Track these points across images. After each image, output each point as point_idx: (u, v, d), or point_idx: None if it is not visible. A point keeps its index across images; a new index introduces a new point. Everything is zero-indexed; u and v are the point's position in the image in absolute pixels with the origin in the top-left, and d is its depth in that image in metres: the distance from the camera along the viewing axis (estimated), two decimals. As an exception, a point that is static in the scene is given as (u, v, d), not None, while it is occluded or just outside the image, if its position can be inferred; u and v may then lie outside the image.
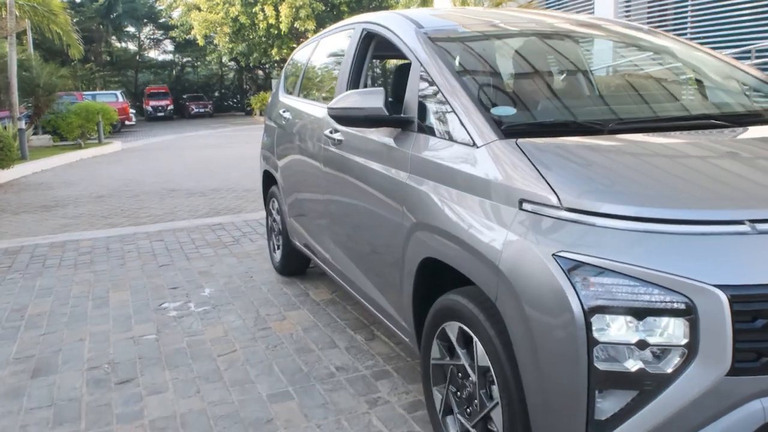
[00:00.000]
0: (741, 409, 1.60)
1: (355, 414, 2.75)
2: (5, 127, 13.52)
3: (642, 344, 1.63)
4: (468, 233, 2.10)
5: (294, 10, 28.97)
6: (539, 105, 2.61)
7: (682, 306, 1.60)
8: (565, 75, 3.11)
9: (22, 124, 14.52)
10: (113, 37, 41.26)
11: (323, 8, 30.09)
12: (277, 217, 4.77)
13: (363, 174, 2.98)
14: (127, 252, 5.79)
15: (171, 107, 37.24)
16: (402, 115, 2.69)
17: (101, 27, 38.23)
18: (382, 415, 2.74)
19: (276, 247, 4.91)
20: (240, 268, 5.09)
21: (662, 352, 1.63)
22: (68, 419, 2.79)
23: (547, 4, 14.82)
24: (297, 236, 4.29)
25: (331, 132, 3.42)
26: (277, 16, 29.49)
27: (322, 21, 30.03)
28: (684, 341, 1.61)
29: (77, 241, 6.29)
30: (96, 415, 2.82)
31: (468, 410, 2.20)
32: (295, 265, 4.72)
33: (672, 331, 1.62)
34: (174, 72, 45.29)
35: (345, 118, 2.80)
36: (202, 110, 38.33)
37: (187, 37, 34.56)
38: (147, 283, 4.80)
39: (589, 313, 1.64)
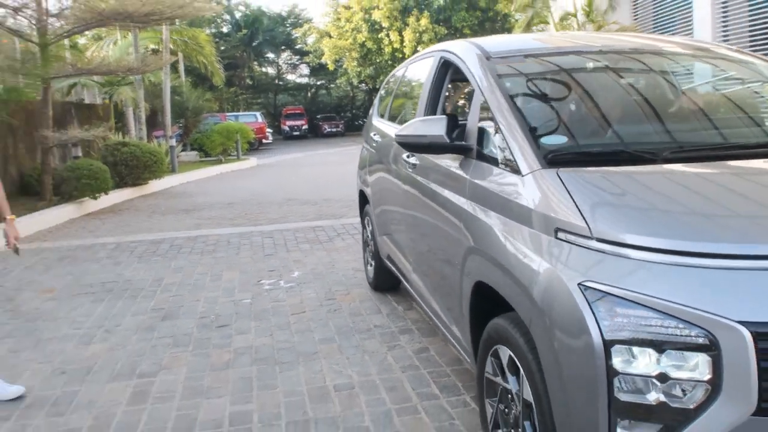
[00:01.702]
0: None
1: (376, 353, 3.73)
2: (159, 144, 15.84)
3: (663, 377, 1.62)
4: (509, 260, 2.14)
5: (417, 34, 30.42)
6: (590, 133, 2.58)
7: (704, 341, 1.57)
8: (624, 102, 2.87)
9: (173, 142, 16.83)
10: (255, 63, 44.94)
11: (445, 32, 31.27)
12: (370, 235, 4.95)
13: (433, 198, 3.05)
14: (243, 245, 7.14)
15: (305, 127, 39.57)
16: (462, 142, 2.71)
17: (244, 54, 41.91)
18: (395, 354, 3.70)
19: (369, 263, 5.08)
20: (327, 259, 6.22)
21: (684, 386, 1.61)
22: (181, 344, 4.01)
23: (644, 29, 15.01)
24: (384, 253, 4.47)
25: (407, 156, 3.53)
26: (402, 41, 31.08)
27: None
28: (707, 377, 1.58)
29: (206, 236, 7.77)
30: (200, 343, 4.02)
31: None
32: (386, 281, 4.78)
33: (694, 366, 1.60)
34: (309, 94, 48.33)
35: (410, 144, 2.86)
36: (333, 129, 40.35)
37: (320, 62, 37.10)
38: (253, 266, 6.05)
39: (609, 343, 1.65)
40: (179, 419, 3.04)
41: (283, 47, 45.03)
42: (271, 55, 46.09)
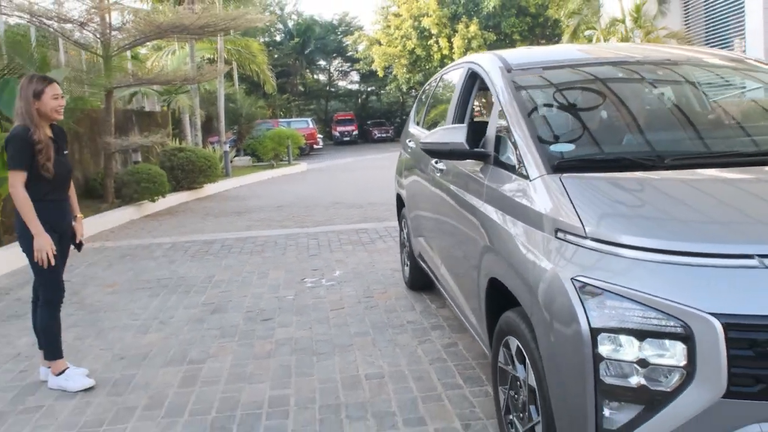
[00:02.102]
0: (740, 431, 1.71)
1: (407, 346, 3.97)
2: (214, 150, 16.45)
3: (643, 363, 1.77)
4: (516, 257, 2.34)
5: (466, 41, 30.53)
6: (596, 141, 2.74)
7: (680, 330, 1.72)
8: (631, 112, 3.02)
9: (227, 147, 17.48)
10: (307, 70, 45.74)
11: (495, 38, 31.26)
12: (406, 236, 5.17)
13: (456, 200, 3.26)
14: (289, 245, 7.48)
15: (356, 132, 39.95)
16: (481, 149, 2.90)
17: (297, 62, 42.74)
18: (425, 348, 3.92)
19: (405, 263, 5.31)
20: (367, 260, 6.48)
21: (662, 371, 1.77)
22: (228, 335, 4.34)
23: (695, 35, 14.78)
24: (416, 252, 4.69)
25: (436, 162, 3.78)
26: (451, 48, 31.24)
27: (494, 50, 31.30)
28: (682, 363, 1.73)
29: (255, 237, 8.15)
30: (245, 335, 4.34)
31: (521, 416, 2.43)
32: (421, 280, 4.94)
33: (670, 352, 1.75)
34: (359, 100, 48.85)
35: (433, 151, 3.08)
36: (383, 135, 40.56)
37: (370, 69, 37.58)
38: (297, 266, 6.37)
39: (596, 331, 1.81)
40: (224, 401, 3.34)
41: (334, 55, 45.64)
42: (322, 63, 46.81)
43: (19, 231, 3.49)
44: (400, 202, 5.52)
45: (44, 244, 3.38)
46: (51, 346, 3.63)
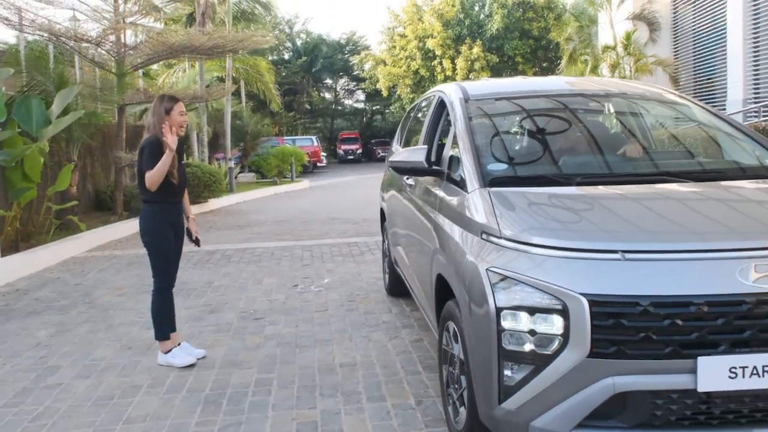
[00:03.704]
0: (598, 383, 2.21)
1: (379, 342, 4.52)
2: (219, 166, 17.07)
3: (532, 332, 2.31)
4: (453, 255, 2.90)
5: (469, 62, 31.25)
6: (527, 162, 3.33)
7: (560, 307, 2.24)
8: (560, 137, 3.52)
9: (231, 164, 18.10)
10: (313, 88, 46.51)
11: (497, 60, 31.96)
12: (386, 247, 5.79)
13: (420, 210, 3.83)
14: (284, 256, 8.05)
15: (360, 151, 40.43)
16: (437, 167, 3.44)
17: (304, 80, 43.53)
18: (394, 343, 4.47)
19: (386, 271, 5.89)
20: (355, 270, 7.05)
21: (546, 339, 2.28)
22: (223, 331, 4.91)
23: (683, 62, 15.44)
24: (393, 259, 5.29)
25: (407, 179, 4.38)
26: (454, 69, 31.96)
27: (498, 72, 32.03)
28: (560, 332, 2.25)
29: (254, 248, 8.73)
30: (238, 331, 4.90)
31: (456, 387, 2.96)
32: (398, 287, 5.47)
33: (552, 324, 2.27)
34: (364, 119, 49.55)
35: (399, 169, 3.61)
36: (386, 154, 41.13)
37: (376, 88, 38.31)
38: (290, 274, 6.94)
39: (500, 309, 2.36)
40: (216, 381, 3.90)
41: (340, 73, 46.33)
42: (329, 81, 47.54)
43: (143, 228, 4.14)
44: (382, 216, 6.10)
45: (171, 142, 3.93)
46: (159, 328, 4.22)
